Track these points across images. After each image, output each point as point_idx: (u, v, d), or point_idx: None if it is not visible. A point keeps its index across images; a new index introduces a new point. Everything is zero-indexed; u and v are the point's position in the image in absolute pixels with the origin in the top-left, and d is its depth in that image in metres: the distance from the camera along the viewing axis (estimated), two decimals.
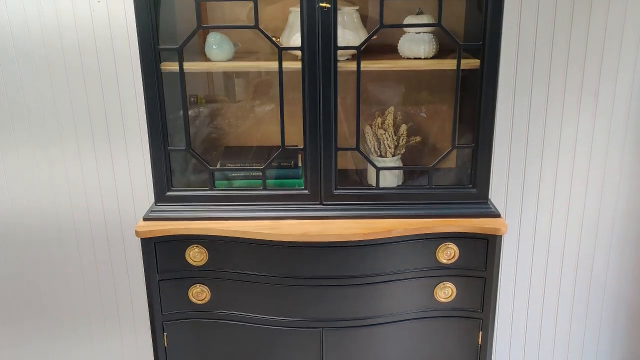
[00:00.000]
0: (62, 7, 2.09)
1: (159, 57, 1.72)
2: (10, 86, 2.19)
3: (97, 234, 2.38)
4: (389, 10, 1.71)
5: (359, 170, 2.12)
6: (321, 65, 1.72)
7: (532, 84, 2.17)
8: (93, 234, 2.38)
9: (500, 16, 1.67)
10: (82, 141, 2.25)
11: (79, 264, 2.43)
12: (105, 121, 2.22)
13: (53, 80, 2.17)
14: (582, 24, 2.10)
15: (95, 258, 2.42)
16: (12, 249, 2.41)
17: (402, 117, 2.02)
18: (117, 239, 2.39)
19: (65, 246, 2.40)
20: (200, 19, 1.70)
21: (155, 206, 1.87)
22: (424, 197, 1.86)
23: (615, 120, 2.21)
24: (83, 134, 2.24)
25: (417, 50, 1.82)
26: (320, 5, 1.65)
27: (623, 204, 2.32)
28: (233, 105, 2.15)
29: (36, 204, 2.34)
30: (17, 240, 2.39)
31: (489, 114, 1.76)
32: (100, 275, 2.44)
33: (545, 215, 2.34)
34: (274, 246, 1.78)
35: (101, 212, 2.35)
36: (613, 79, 2.16)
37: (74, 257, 2.42)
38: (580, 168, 2.27)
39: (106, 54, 2.14)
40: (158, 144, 1.80)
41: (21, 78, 2.18)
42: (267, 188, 1.87)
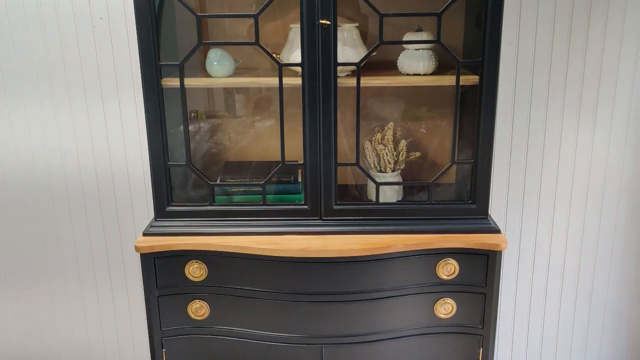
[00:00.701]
0: (64, 22, 2.10)
1: (160, 73, 1.73)
2: (12, 108, 2.20)
3: (96, 247, 2.37)
4: (388, 27, 1.73)
5: (358, 185, 2.12)
6: (321, 81, 1.73)
7: (530, 100, 2.18)
8: (92, 247, 2.37)
9: (499, 33, 1.68)
10: (82, 152, 2.26)
11: (78, 277, 2.42)
12: (106, 137, 2.23)
13: (54, 94, 2.18)
14: (580, 40, 2.11)
15: (95, 277, 2.41)
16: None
17: (402, 132, 2.03)
18: (117, 253, 2.38)
19: (63, 260, 2.40)
20: (201, 36, 1.72)
21: (155, 221, 1.86)
22: (423, 213, 1.86)
23: (614, 136, 2.22)
24: (83, 146, 2.24)
25: (416, 67, 1.84)
26: (321, 22, 1.67)
27: (623, 219, 2.31)
28: (233, 120, 2.16)
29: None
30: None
31: (489, 130, 1.77)
32: (99, 291, 2.43)
33: (545, 231, 2.33)
34: (273, 262, 1.78)
35: (101, 226, 2.35)
36: (611, 94, 2.17)
37: (72, 273, 2.41)
38: (579, 184, 2.28)
39: (107, 69, 2.15)
40: (158, 159, 1.80)
41: (23, 97, 2.19)
42: (267, 203, 1.87)
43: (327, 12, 1.66)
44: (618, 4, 2.07)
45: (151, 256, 1.79)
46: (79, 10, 2.09)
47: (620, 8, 2.08)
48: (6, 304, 2.46)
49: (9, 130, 2.24)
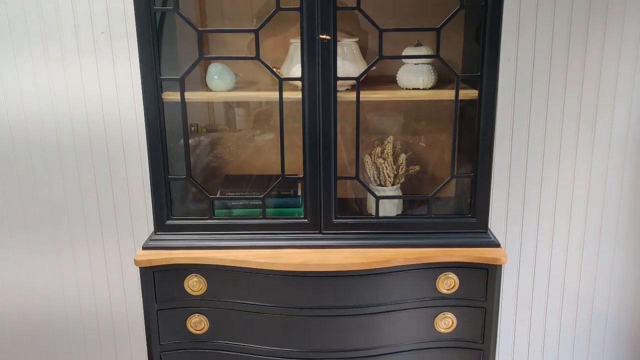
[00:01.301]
0: (65, 36, 2.12)
1: (161, 87, 1.74)
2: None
3: (96, 263, 2.37)
4: (387, 41, 1.74)
5: (358, 199, 2.12)
6: (321, 96, 1.74)
7: (530, 114, 2.19)
8: (92, 263, 2.37)
9: (497, 47, 1.69)
10: (84, 177, 2.26)
11: (77, 294, 2.41)
12: (107, 151, 2.23)
13: (55, 112, 2.19)
14: (579, 55, 2.13)
15: (94, 293, 2.40)
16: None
17: (401, 146, 2.04)
18: (116, 268, 2.38)
19: (63, 276, 2.39)
20: (202, 50, 1.73)
21: (155, 235, 1.86)
22: (423, 227, 1.86)
23: (613, 151, 2.22)
24: (84, 162, 2.25)
25: (415, 81, 1.85)
26: (320, 37, 1.68)
27: (623, 235, 2.31)
28: (233, 134, 2.16)
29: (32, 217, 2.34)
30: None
31: (488, 144, 1.78)
32: (97, 306, 2.42)
33: (545, 245, 2.33)
34: (273, 275, 1.77)
35: (100, 242, 2.35)
36: (610, 107, 2.18)
37: (71, 290, 2.40)
38: (579, 198, 2.28)
39: (108, 82, 2.16)
40: (158, 172, 1.81)
41: (26, 122, 2.20)
42: (267, 217, 1.87)
43: (327, 27, 1.67)
44: (615, 26, 2.09)
45: (150, 270, 1.79)
46: (80, 24, 2.10)
47: (617, 30, 2.09)
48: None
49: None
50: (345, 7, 1.75)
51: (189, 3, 1.96)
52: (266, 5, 1.96)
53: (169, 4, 1.73)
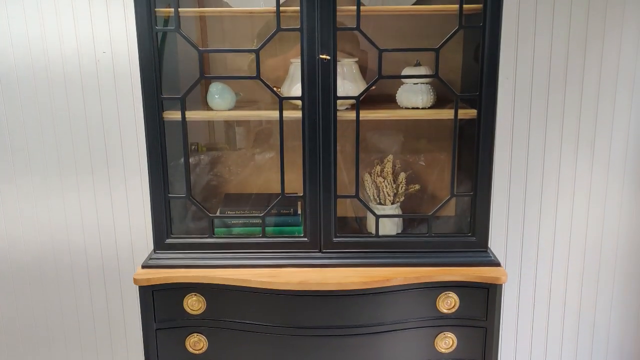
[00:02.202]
0: (68, 56, 2.14)
1: (162, 106, 1.75)
2: (14, 131, 2.22)
3: (95, 279, 2.36)
4: (387, 61, 1.76)
5: (358, 217, 2.12)
6: (321, 115, 1.75)
7: (529, 133, 2.20)
8: (90, 280, 2.36)
9: (496, 68, 1.71)
10: (82, 188, 2.26)
11: (75, 310, 2.40)
12: (107, 168, 2.24)
13: (56, 126, 2.20)
14: (577, 74, 2.14)
15: (92, 307, 2.39)
16: (6, 287, 2.38)
17: (401, 165, 2.04)
18: (115, 285, 2.37)
19: (61, 292, 2.38)
20: (203, 70, 1.74)
21: (154, 253, 1.86)
22: (423, 245, 1.86)
23: (612, 169, 2.23)
24: (84, 180, 2.25)
25: (415, 100, 1.86)
26: (321, 57, 1.69)
27: (623, 253, 2.31)
28: (233, 153, 2.17)
29: (32, 244, 2.33)
30: (10, 278, 2.37)
31: (487, 164, 1.78)
32: (96, 323, 2.41)
33: (545, 264, 2.33)
34: (272, 295, 1.76)
35: (99, 259, 2.34)
36: (609, 125, 2.19)
37: (69, 304, 2.39)
38: (579, 217, 2.28)
39: (109, 101, 2.17)
40: (159, 191, 1.81)
41: (24, 123, 2.20)
42: (267, 235, 1.87)
43: (327, 47, 1.69)
44: (613, 44, 2.11)
45: (149, 289, 1.78)
46: (83, 44, 2.12)
47: (614, 48, 2.11)
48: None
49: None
50: (345, 27, 1.76)
51: (190, 23, 1.98)
52: (267, 25, 1.99)
53: (170, 24, 1.74)
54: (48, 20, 2.11)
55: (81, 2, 2.09)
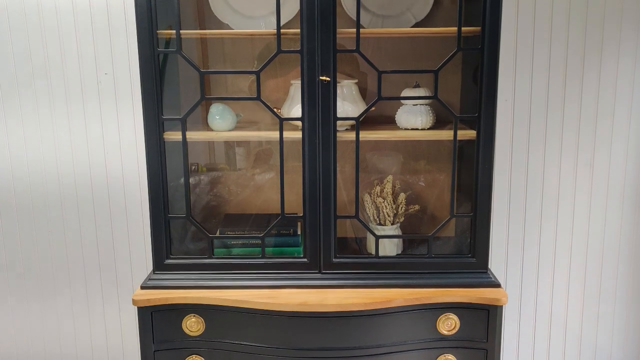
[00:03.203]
0: (70, 78, 2.15)
1: (163, 126, 1.76)
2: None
3: (93, 299, 2.35)
4: (386, 83, 1.77)
5: (358, 238, 2.12)
6: (321, 135, 1.76)
7: (528, 154, 2.20)
8: (89, 299, 2.35)
9: (494, 89, 1.72)
10: (82, 206, 2.27)
11: (72, 331, 2.38)
12: (107, 187, 2.24)
13: (56, 144, 2.21)
14: (575, 96, 2.16)
15: (90, 327, 2.37)
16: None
17: (401, 185, 2.05)
18: (113, 306, 2.35)
19: (59, 313, 2.37)
20: (204, 90, 1.75)
21: (154, 274, 1.85)
22: (423, 266, 1.85)
23: (611, 191, 2.23)
24: (84, 198, 2.26)
25: (414, 121, 1.87)
26: (321, 79, 1.71)
27: (624, 272, 2.30)
28: (234, 173, 2.18)
29: (33, 264, 2.32)
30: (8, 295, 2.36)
31: (487, 184, 1.78)
32: (93, 342, 2.39)
33: (546, 285, 2.32)
34: (272, 316, 1.75)
35: (98, 279, 2.33)
36: (607, 148, 2.20)
37: (67, 324, 2.37)
38: (579, 237, 2.28)
39: (110, 122, 2.18)
40: (159, 211, 1.81)
41: (25, 141, 2.21)
42: (266, 256, 1.86)
43: (327, 69, 1.70)
44: (610, 63, 2.13)
45: (148, 310, 1.77)
46: (84, 65, 2.14)
47: (612, 67, 2.13)
48: None
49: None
50: (344, 49, 1.78)
51: (191, 45, 2.00)
52: (267, 47, 2.01)
53: (171, 45, 1.76)
54: (51, 42, 2.13)
55: (84, 25, 2.11)
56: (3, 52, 2.15)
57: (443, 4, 1.98)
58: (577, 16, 2.10)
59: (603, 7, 2.09)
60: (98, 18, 2.11)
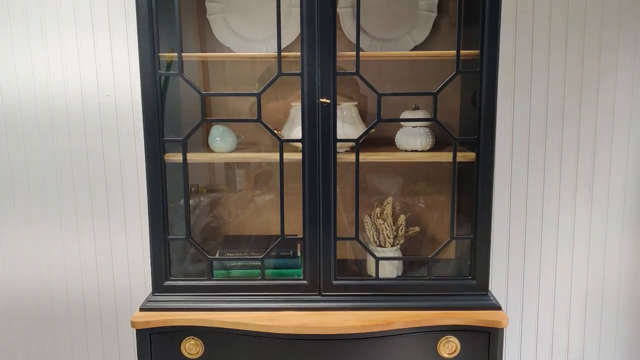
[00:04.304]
0: (72, 98, 2.17)
1: (163, 148, 1.77)
2: (15, 178, 2.23)
3: (91, 321, 2.33)
4: (386, 105, 1.78)
5: (358, 260, 2.11)
6: (321, 157, 1.76)
7: (527, 176, 2.21)
8: (87, 321, 2.33)
9: (493, 112, 1.73)
10: (82, 228, 2.26)
11: (70, 353, 2.36)
12: (107, 209, 2.24)
13: (57, 167, 2.22)
14: (574, 119, 2.17)
15: (88, 351, 2.35)
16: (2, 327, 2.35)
17: (401, 207, 2.05)
18: (112, 328, 2.34)
19: (56, 334, 2.35)
20: (205, 113, 1.76)
21: (153, 296, 1.84)
22: (423, 289, 1.84)
23: (611, 213, 2.23)
24: (84, 221, 2.25)
25: (413, 143, 1.88)
26: (321, 101, 1.72)
27: (625, 296, 2.29)
28: (234, 194, 2.18)
29: (30, 285, 2.31)
30: (7, 318, 2.34)
31: (486, 206, 1.79)
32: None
33: (547, 308, 2.30)
34: (271, 338, 1.74)
35: (96, 300, 2.32)
36: (606, 171, 2.20)
37: (65, 346, 2.35)
38: (579, 260, 2.27)
39: (111, 143, 2.19)
40: (158, 233, 1.81)
41: (26, 162, 2.22)
42: (266, 278, 1.86)
43: (327, 91, 1.72)
44: (608, 88, 2.15)
45: (147, 332, 1.76)
46: (86, 87, 2.16)
47: (610, 93, 2.15)
48: None
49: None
50: (344, 72, 1.80)
51: (192, 67, 2.02)
52: (268, 69, 2.03)
53: (173, 68, 1.78)
54: (54, 64, 2.15)
55: (86, 47, 2.14)
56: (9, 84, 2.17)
57: (442, 28, 2.01)
58: (575, 41, 2.12)
59: (600, 31, 2.11)
60: (101, 40, 2.13)
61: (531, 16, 2.10)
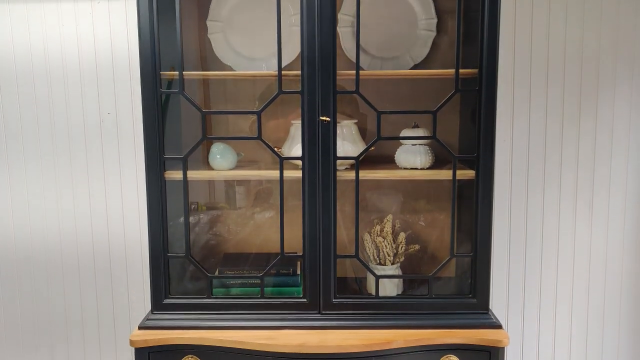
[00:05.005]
0: (73, 116, 2.18)
1: (164, 166, 1.77)
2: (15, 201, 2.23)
3: (90, 339, 2.31)
4: (386, 123, 1.79)
5: (358, 278, 2.11)
6: (321, 175, 1.77)
7: (527, 193, 2.21)
8: (85, 337, 2.31)
9: (493, 130, 1.74)
10: (80, 237, 2.26)
11: None
12: (106, 224, 2.24)
13: (58, 183, 2.22)
14: (573, 138, 2.18)
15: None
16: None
17: (401, 225, 2.05)
18: (110, 346, 2.32)
19: (55, 355, 2.33)
20: (205, 130, 1.77)
21: (152, 314, 1.83)
22: (424, 307, 1.84)
23: (611, 231, 2.23)
24: (83, 228, 2.25)
25: (413, 161, 1.88)
26: (321, 119, 1.73)
27: (627, 314, 2.28)
28: (233, 212, 2.18)
29: (29, 313, 2.30)
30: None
31: (486, 224, 1.79)
32: None
33: (548, 326, 2.29)
34: (271, 357, 1.73)
35: (95, 318, 2.30)
36: (606, 189, 2.21)
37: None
38: (580, 278, 2.26)
39: (112, 161, 2.20)
40: (158, 250, 1.80)
41: (27, 186, 2.23)
42: (265, 296, 1.85)
43: (327, 109, 1.73)
44: (606, 106, 2.16)
45: (146, 351, 1.75)
46: (88, 105, 2.17)
47: (608, 110, 2.16)
48: None
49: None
50: (344, 91, 1.81)
51: (193, 85, 2.03)
52: (269, 88, 2.04)
53: (174, 86, 1.79)
54: (56, 86, 2.16)
55: (88, 70, 2.15)
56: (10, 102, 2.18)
57: (441, 47, 2.03)
58: (573, 59, 2.14)
59: (597, 52, 2.13)
60: (102, 62, 2.15)
61: (529, 35, 2.12)
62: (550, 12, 2.11)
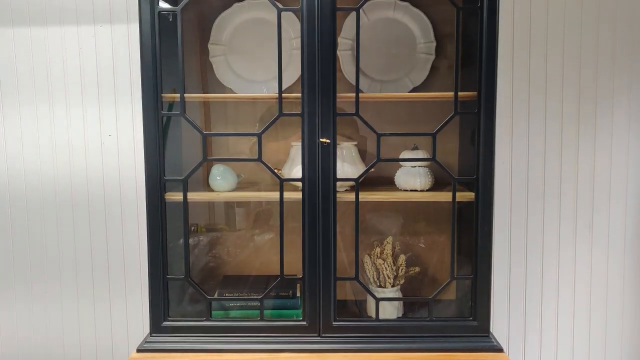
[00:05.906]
0: (74, 137, 2.19)
1: (164, 187, 1.77)
2: (15, 232, 2.23)
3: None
4: (385, 145, 1.80)
5: (358, 301, 2.09)
6: (321, 196, 1.77)
7: (527, 216, 2.21)
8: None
9: (492, 152, 1.75)
10: (81, 259, 2.25)
11: None
12: (106, 244, 2.23)
13: (59, 211, 2.22)
14: (572, 160, 2.19)
15: None
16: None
17: (401, 247, 2.04)
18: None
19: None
20: (206, 152, 1.78)
21: (150, 337, 1.82)
22: (424, 330, 1.82)
23: (612, 252, 2.22)
24: (83, 260, 2.24)
25: (413, 183, 1.89)
26: (321, 141, 1.74)
27: (629, 336, 2.26)
28: (233, 234, 2.17)
29: (27, 340, 2.28)
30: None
31: (486, 246, 1.78)
32: None
33: (549, 349, 2.27)
34: None
35: (93, 339, 2.28)
36: (606, 210, 2.20)
37: None
38: (581, 300, 2.25)
39: (112, 183, 2.20)
40: (157, 272, 1.79)
41: (27, 206, 2.23)
42: (265, 319, 1.84)
43: (327, 131, 1.73)
44: (605, 127, 2.17)
45: None
46: (89, 127, 2.18)
47: (607, 130, 2.17)
48: None
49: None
50: (344, 113, 1.82)
51: (194, 107, 2.05)
52: (269, 110, 2.05)
53: (175, 108, 1.80)
54: (58, 106, 2.18)
55: (90, 92, 2.17)
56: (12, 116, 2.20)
57: (440, 70, 2.04)
58: (571, 79, 2.15)
59: (595, 70, 2.15)
60: (104, 83, 2.17)
61: (527, 57, 2.14)
62: (547, 34, 2.13)
